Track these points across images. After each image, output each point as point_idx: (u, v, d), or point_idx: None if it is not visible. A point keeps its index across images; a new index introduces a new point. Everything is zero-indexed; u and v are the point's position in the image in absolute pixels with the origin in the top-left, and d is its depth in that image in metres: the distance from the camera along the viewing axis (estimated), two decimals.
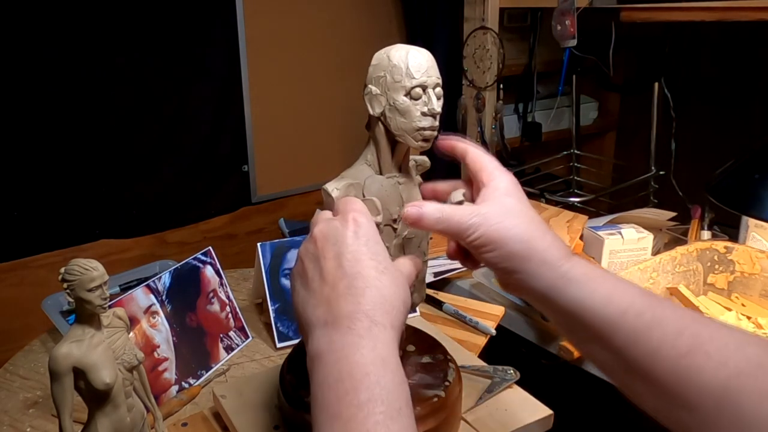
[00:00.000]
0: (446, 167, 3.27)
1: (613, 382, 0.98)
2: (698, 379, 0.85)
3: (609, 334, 0.93)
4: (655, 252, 2.31)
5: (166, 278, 1.75)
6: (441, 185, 1.18)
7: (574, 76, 3.34)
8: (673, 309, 0.92)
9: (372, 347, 0.90)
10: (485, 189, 1.05)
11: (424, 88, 1.04)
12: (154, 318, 1.67)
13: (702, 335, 0.87)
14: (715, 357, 0.85)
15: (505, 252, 0.99)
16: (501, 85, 3.07)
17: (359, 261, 0.96)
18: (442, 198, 1.17)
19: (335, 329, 0.92)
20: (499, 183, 1.05)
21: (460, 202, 1.10)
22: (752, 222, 2.17)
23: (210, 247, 1.94)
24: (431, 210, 1.03)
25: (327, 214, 1.07)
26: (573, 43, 2.63)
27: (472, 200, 1.08)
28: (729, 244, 2.10)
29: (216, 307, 1.88)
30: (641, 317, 0.91)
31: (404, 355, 1.35)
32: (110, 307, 1.07)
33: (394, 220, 1.15)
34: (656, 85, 2.98)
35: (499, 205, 1.02)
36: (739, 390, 0.82)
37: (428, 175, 1.25)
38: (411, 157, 1.18)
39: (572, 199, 3.04)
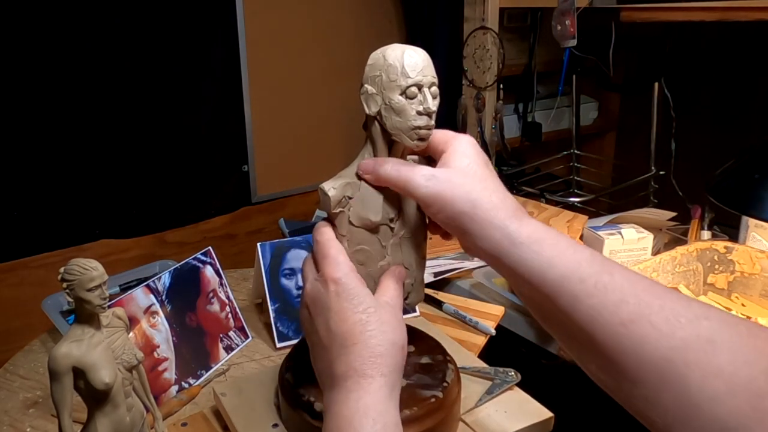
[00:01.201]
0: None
1: (570, 355, 0.98)
2: (639, 349, 0.84)
3: (552, 298, 0.92)
4: (655, 252, 2.31)
5: (165, 278, 1.75)
6: None
7: (574, 76, 3.34)
8: (625, 277, 0.91)
9: (357, 399, 0.95)
10: (444, 154, 1.07)
11: (419, 87, 1.04)
12: (153, 318, 1.67)
13: (651, 305, 0.86)
14: (660, 327, 0.83)
15: (451, 212, 1.01)
16: (501, 85, 3.08)
17: (345, 320, 1.01)
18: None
19: (333, 389, 1.00)
20: (457, 146, 1.07)
21: None
22: (752, 222, 2.17)
23: (210, 247, 1.94)
24: (390, 164, 1.08)
25: (311, 271, 1.12)
26: (573, 43, 2.63)
27: None
28: (729, 244, 2.10)
29: (216, 307, 1.88)
30: (583, 283, 0.90)
31: None
32: (110, 307, 1.08)
33: (391, 219, 1.15)
34: (656, 85, 2.98)
35: (452, 166, 1.04)
36: (685, 364, 0.80)
37: None
38: (408, 156, 1.19)
39: (572, 199, 3.05)
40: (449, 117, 3.12)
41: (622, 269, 0.92)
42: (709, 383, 0.78)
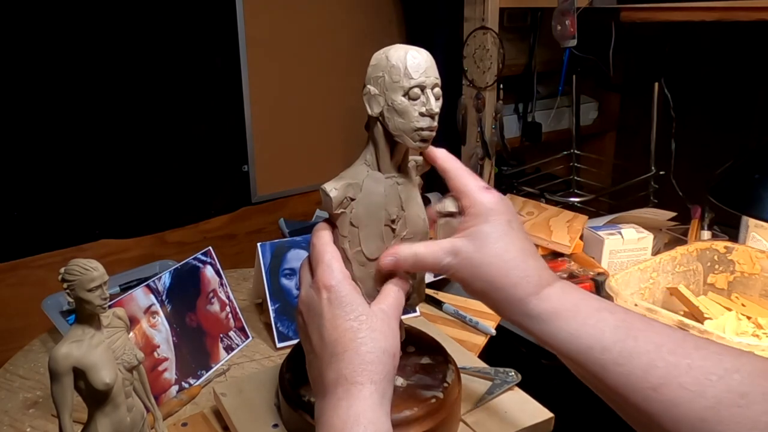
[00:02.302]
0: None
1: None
2: (673, 411, 0.85)
3: (581, 365, 0.95)
4: (655, 252, 2.31)
5: (166, 278, 1.75)
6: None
7: (574, 76, 3.34)
8: (650, 340, 0.92)
9: (348, 407, 0.95)
10: (466, 217, 1.08)
11: (422, 88, 1.04)
12: (154, 318, 1.67)
13: (679, 366, 0.87)
14: (691, 388, 0.84)
15: (476, 288, 1.05)
16: (501, 85, 3.07)
17: (336, 327, 1.02)
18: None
19: (324, 398, 1.00)
20: (479, 209, 1.07)
21: (450, 213, 1.12)
22: (752, 222, 2.17)
23: (210, 247, 1.94)
24: (405, 255, 1.10)
25: (307, 276, 1.13)
26: (573, 43, 2.63)
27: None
28: (729, 244, 2.10)
29: (216, 307, 1.88)
30: (609, 352, 0.92)
31: (404, 356, 1.35)
32: (110, 307, 1.08)
33: (393, 221, 1.15)
34: (656, 85, 2.98)
35: (474, 237, 1.05)
36: (719, 421, 0.81)
37: (428, 176, 1.26)
38: (411, 157, 1.19)
39: (572, 199, 3.05)
40: (449, 117, 3.12)
41: (646, 329, 0.94)
42: None
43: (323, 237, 1.12)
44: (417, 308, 2.03)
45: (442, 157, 1.15)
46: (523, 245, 1.05)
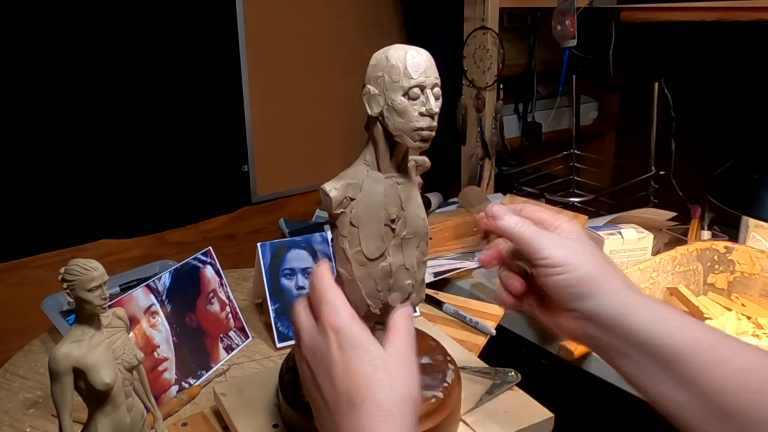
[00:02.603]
0: (445, 169, 3.28)
1: (678, 420, 0.95)
2: None
3: (678, 363, 0.92)
4: (655, 252, 2.31)
5: (166, 278, 1.75)
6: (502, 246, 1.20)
7: (574, 76, 3.34)
8: (741, 345, 0.92)
9: None
10: (555, 229, 1.09)
11: (422, 88, 1.04)
12: (153, 318, 1.67)
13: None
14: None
15: (578, 275, 1.01)
16: (501, 85, 3.08)
17: (350, 375, 0.97)
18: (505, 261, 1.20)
19: None
20: (566, 225, 1.08)
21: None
22: (752, 222, 2.17)
23: (210, 247, 1.95)
24: (516, 221, 1.08)
25: (307, 319, 1.09)
26: (573, 43, 2.63)
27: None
28: (729, 244, 2.10)
29: (216, 307, 1.88)
30: (712, 350, 0.91)
31: None
32: (110, 307, 1.08)
33: (392, 221, 1.15)
34: (656, 85, 2.98)
35: (571, 236, 1.06)
36: None
37: (427, 176, 1.26)
38: (411, 157, 1.19)
39: (572, 199, 3.05)
40: (449, 117, 3.12)
41: (735, 339, 0.95)
42: None
43: (324, 276, 1.08)
44: (417, 308, 2.03)
45: (502, 218, 1.11)
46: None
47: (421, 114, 1.05)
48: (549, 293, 1.05)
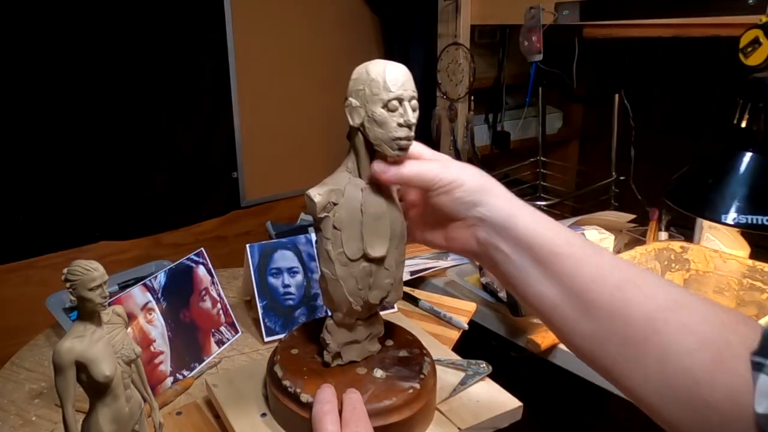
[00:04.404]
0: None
1: (555, 327, 0.99)
2: (629, 309, 0.88)
3: (553, 260, 0.95)
4: (616, 252, 2.32)
5: (161, 277, 1.75)
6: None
7: (540, 89, 3.35)
8: (608, 252, 0.97)
9: None
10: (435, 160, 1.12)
11: (400, 100, 1.05)
12: (150, 314, 1.67)
13: (631, 270, 0.92)
14: (644, 290, 0.88)
15: (470, 186, 1.03)
16: (472, 97, 3.09)
17: None
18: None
19: None
20: (441, 155, 1.13)
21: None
22: (706, 224, 2.18)
23: (202, 248, 1.94)
24: (409, 164, 1.10)
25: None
26: (539, 57, 2.63)
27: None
28: (685, 244, 2.11)
29: (208, 304, 1.88)
30: (582, 249, 0.95)
31: (382, 349, 1.36)
32: (110, 304, 1.08)
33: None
34: (616, 96, 2.98)
35: (449, 160, 1.10)
36: (665, 322, 0.85)
37: None
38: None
39: (539, 203, 3.05)
40: (424, 127, 3.13)
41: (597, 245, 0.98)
42: (683, 339, 0.83)
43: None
44: (395, 305, 2.03)
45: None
46: None
47: (400, 125, 1.05)
48: (445, 210, 1.07)
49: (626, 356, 0.88)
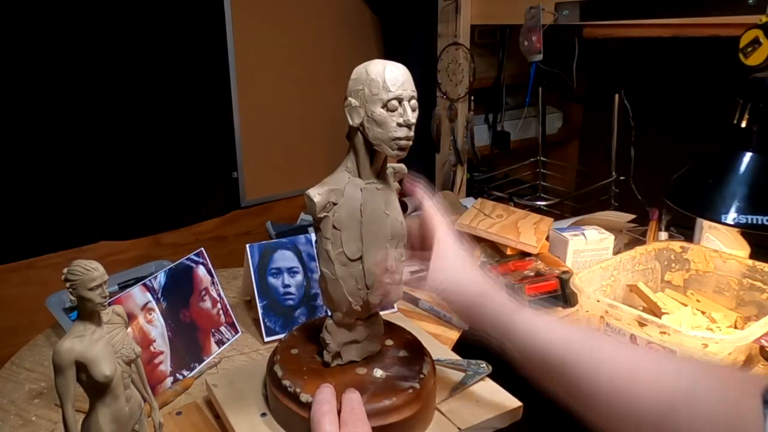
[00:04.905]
0: (421, 176, 3.28)
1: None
2: (638, 406, 0.89)
3: (555, 363, 1.00)
4: (616, 252, 2.32)
5: (161, 277, 1.75)
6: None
7: (540, 88, 3.36)
8: (612, 348, 0.98)
9: None
10: (437, 246, 1.18)
11: (399, 100, 1.05)
12: (150, 314, 1.67)
13: (637, 367, 0.93)
14: (651, 387, 0.89)
15: (465, 302, 1.11)
16: (472, 97, 3.09)
17: None
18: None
19: None
20: (445, 248, 1.18)
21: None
22: (706, 224, 2.18)
23: (202, 248, 1.94)
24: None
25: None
26: (539, 57, 2.63)
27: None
28: (684, 244, 2.11)
29: (208, 304, 1.88)
30: (580, 353, 0.97)
31: (383, 349, 1.36)
32: (109, 304, 1.08)
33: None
34: (617, 96, 2.99)
35: (452, 264, 1.15)
36: (674, 409, 0.85)
37: (404, 183, 1.26)
38: (389, 164, 1.19)
39: (539, 203, 3.05)
40: (424, 127, 3.13)
41: (606, 340, 1.03)
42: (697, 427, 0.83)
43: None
44: (395, 305, 2.03)
45: (418, 192, 1.22)
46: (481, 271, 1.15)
47: (399, 124, 1.05)
48: None
49: None
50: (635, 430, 0.89)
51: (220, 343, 1.86)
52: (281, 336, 1.79)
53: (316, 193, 1.11)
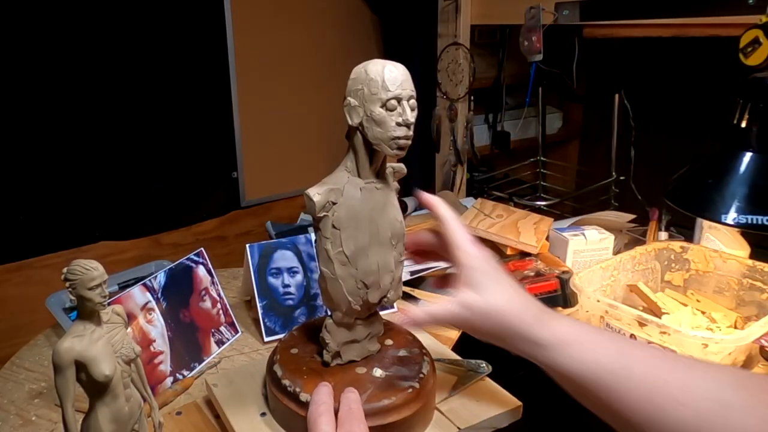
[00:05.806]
0: (420, 175, 3.29)
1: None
2: (674, 424, 0.88)
3: (588, 388, 0.98)
4: (616, 252, 2.32)
5: (161, 277, 1.75)
6: (423, 237, 1.24)
7: (540, 88, 3.36)
8: (647, 363, 0.96)
9: None
10: (462, 269, 1.12)
11: (398, 100, 1.05)
12: (150, 314, 1.67)
13: (670, 383, 0.91)
14: (685, 403, 0.87)
15: (487, 334, 1.08)
16: (472, 97, 3.09)
17: None
18: (423, 246, 1.24)
19: None
20: (471, 261, 1.11)
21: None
22: (706, 224, 2.18)
23: (202, 248, 1.94)
24: (421, 317, 1.16)
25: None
26: (539, 57, 2.63)
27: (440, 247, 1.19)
28: (684, 244, 2.11)
29: (208, 304, 1.88)
30: (614, 375, 0.95)
31: (382, 349, 1.36)
32: (109, 304, 1.08)
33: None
34: (616, 96, 2.98)
35: (478, 289, 1.09)
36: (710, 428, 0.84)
37: (404, 182, 1.26)
38: (388, 164, 1.19)
39: (539, 203, 3.06)
40: (424, 127, 3.13)
41: (642, 353, 0.99)
42: None
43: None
44: (395, 304, 2.03)
45: (438, 205, 1.17)
46: (512, 284, 1.10)
47: (398, 124, 1.05)
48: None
49: None
50: None
51: (220, 343, 1.86)
52: (281, 336, 1.79)
53: (316, 193, 1.11)
